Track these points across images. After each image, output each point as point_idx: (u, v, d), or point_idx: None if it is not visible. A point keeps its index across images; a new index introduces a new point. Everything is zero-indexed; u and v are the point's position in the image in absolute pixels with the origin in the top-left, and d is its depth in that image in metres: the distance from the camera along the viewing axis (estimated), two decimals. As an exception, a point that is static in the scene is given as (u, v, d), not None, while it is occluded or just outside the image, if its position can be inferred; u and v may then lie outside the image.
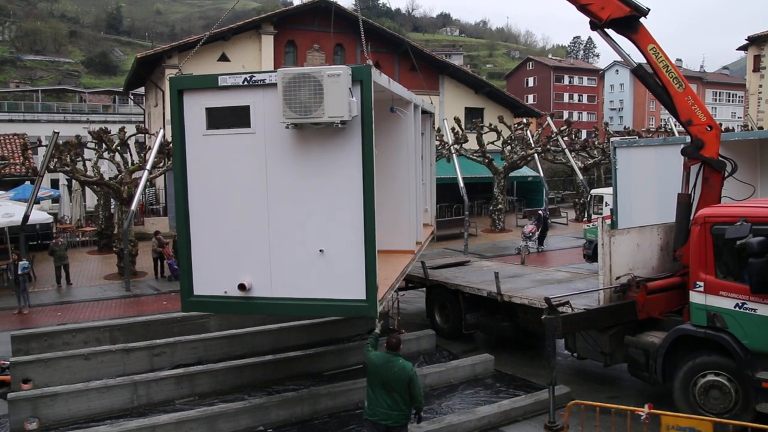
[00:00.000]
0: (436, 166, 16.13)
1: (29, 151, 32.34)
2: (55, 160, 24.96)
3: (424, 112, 14.63)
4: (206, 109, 9.04)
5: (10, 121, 51.32)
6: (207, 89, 9.05)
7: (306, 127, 8.49)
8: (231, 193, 9.08)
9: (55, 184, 37.00)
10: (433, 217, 15.82)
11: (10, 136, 36.48)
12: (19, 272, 18.48)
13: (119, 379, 11.03)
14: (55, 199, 34.90)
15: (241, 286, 8.99)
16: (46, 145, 24.81)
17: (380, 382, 7.81)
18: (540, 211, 29.47)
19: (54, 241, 22.78)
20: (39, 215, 23.63)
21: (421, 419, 8.36)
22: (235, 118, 8.93)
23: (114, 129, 28.24)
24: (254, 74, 8.80)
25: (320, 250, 8.72)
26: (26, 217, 20.37)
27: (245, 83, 8.79)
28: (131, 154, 27.35)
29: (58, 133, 21.86)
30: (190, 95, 9.15)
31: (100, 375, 11.47)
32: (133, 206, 21.69)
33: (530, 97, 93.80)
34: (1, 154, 28.05)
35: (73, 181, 30.99)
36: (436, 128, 21.81)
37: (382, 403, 7.76)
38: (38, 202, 24.72)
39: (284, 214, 8.87)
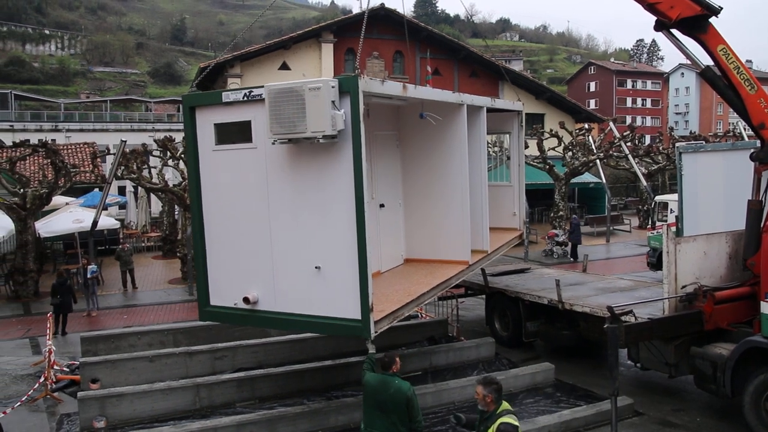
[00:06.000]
0: (525, 168, 15.42)
1: (98, 159, 33.51)
2: (123, 167, 25.77)
3: (497, 110, 14.17)
4: (215, 125, 9.18)
5: (81, 130, 53.28)
6: (215, 105, 9.17)
7: (300, 142, 8.34)
8: (238, 206, 9.18)
9: (122, 191, 38.17)
10: (522, 221, 15.18)
11: (81, 145, 37.91)
12: (88, 276, 19.11)
13: (182, 381, 11.22)
14: (122, 206, 35.99)
15: (246, 299, 9.10)
16: (114, 154, 25.61)
17: (376, 404, 7.51)
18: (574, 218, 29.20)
19: (120, 246, 23.46)
20: (107, 221, 24.46)
21: None
22: (239, 133, 8.99)
23: (178, 137, 28.89)
24: (253, 89, 8.75)
25: (316, 267, 8.59)
26: (95, 222, 21.05)
27: (245, 98, 8.79)
28: (195, 162, 27.95)
29: (125, 141, 22.57)
30: (201, 112, 9.32)
31: (163, 377, 11.70)
32: (196, 212, 22.10)
33: (592, 102, 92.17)
34: (72, 163, 29.07)
35: (139, 188, 31.91)
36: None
37: (378, 425, 7.43)
38: (106, 209, 25.52)
39: (284, 229, 8.85)
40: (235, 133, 9.05)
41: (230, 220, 9.29)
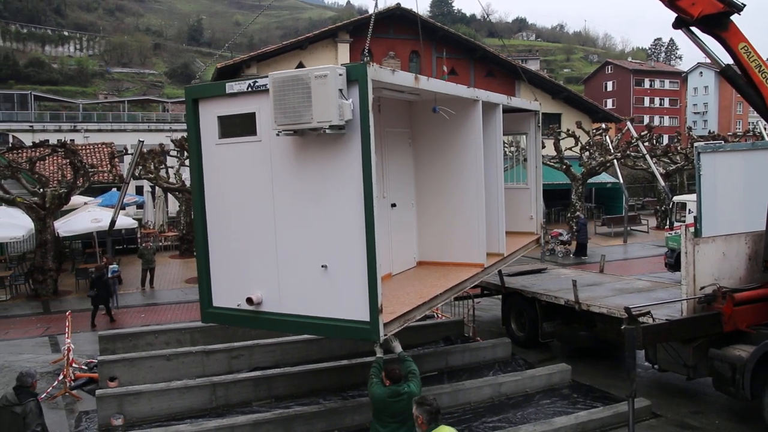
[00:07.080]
0: (543, 169, 14.97)
1: (116, 159, 33.81)
2: (140, 167, 25.98)
3: (514, 110, 13.96)
4: (218, 117, 8.87)
5: (99, 130, 53.98)
6: (218, 97, 8.84)
7: (306, 134, 7.94)
8: (243, 203, 8.85)
9: (139, 190, 38.46)
10: (539, 224, 14.86)
11: (99, 145, 38.24)
12: (109, 275, 19.25)
13: (199, 380, 11.28)
14: (140, 205, 36.25)
15: (249, 300, 8.75)
16: (131, 154, 25.81)
17: (390, 415, 7.39)
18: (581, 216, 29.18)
19: (144, 245, 23.67)
20: (125, 220, 24.63)
21: None
22: (244, 126, 8.65)
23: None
24: (257, 79, 8.37)
25: (323, 266, 8.20)
26: (113, 222, 21.20)
27: (249, 89, 8.44)
28: (211, 162, 28.13)
29: (142, 141, 22.71)
30: (204, 104, 9.01)
31: (180, 375, 11.77)
32: (213, 212, 22.18)
33: (609, 102, 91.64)
34: (90, 163, 29.33)
35: (157, 188, 32.15)
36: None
37: None
38: (124, 208, 25.71)
39: (289, 226, 8.49)
40: (239, 126, 8.71)
41: (234, 216, 8.96)
